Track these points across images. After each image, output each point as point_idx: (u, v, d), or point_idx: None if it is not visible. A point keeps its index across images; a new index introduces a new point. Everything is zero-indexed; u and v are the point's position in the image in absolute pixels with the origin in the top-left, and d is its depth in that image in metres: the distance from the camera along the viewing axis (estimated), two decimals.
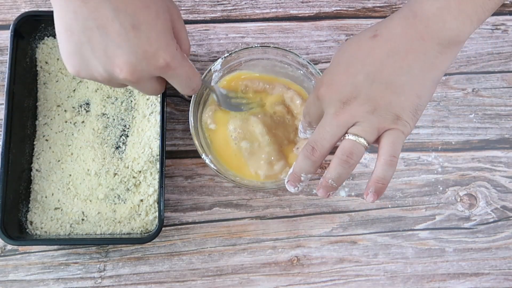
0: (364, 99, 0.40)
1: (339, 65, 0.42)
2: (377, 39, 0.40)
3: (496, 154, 0.61)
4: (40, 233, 0.55)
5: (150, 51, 0.37)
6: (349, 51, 0.42)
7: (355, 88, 0.40)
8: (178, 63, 0.39)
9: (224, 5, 0.64)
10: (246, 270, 0.57)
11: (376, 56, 0.40)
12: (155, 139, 0.57)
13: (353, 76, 0.40)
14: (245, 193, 0.59)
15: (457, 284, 0.58)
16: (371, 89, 0.40)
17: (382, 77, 0.39)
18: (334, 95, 0.41)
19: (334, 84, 0.41)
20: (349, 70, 0.41)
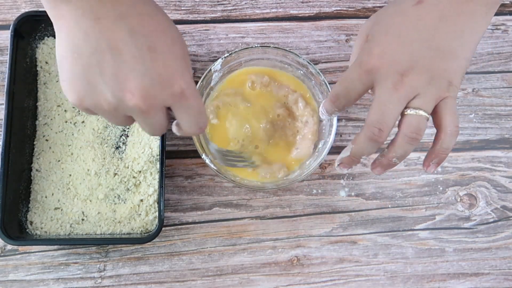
0: (421, 68, 0.39)
1: (388, 35, 0.40)
2: (422, 5, 0.39)
3: (496, 154, 0.61)
4: (40, 233, 0.55)
5: (166, 76, 0.34)
6: (394, 20, 0.40)
7: (412, 57, 0.38)
8: (192, 93, 0.36)
9: (224, 5, 0.64)
10: (246, 270, 0.57)
11: (428, 22, 0.39)
12: (155, 139, 0.57)
13: (408, 44, 0.39)
14: (245, 193, 0.59)
15: (457, 284, 0.58)
16: (427, 57, 0.39)
17: (436, 43, 0.39)
18: (391, 66, 0.39)
19: (389, 54, 0.39)
20: (402, 39, 0.39)
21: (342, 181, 0.59)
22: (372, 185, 0.60)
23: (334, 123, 0.53)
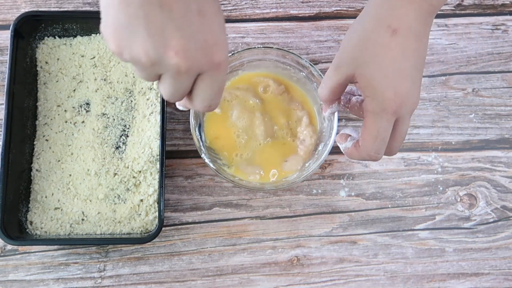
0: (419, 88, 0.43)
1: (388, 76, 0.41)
2: (398, 34, 0.41)
3: (496, 154, 0.61)
4: (40, 233, 0.55)
5: (210, 43, 0.34)
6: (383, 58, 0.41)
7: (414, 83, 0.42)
8: (225, 68, 0.36)
9: (224, 5, 0.64)
10: (246, 270, 0.57)
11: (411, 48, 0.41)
12: (155, 139, 0.57)
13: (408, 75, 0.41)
14: (245, 193, 0.59)
15: (457, 284, 0.58)
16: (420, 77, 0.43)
17: (421, 62, 0.42)
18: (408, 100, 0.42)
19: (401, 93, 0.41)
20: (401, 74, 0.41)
21: (342, 181, 0.60)
22: (372, 185, 0.60)
23: (334, 126, 0.53)
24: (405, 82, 0.41)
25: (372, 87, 0.42)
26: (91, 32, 0.60)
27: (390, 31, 0.40)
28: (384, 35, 0.41)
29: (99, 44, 0.60)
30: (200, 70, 0.35)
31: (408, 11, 0.41)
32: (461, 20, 0.64)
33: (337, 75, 0.44)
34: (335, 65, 0.44)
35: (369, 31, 0.42)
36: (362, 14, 0.44)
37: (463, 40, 0.64)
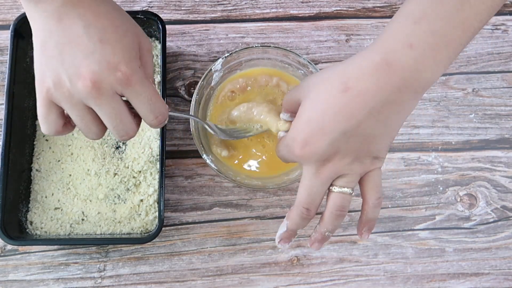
0: (343, 154, 0.40)
1: (311, 123, 0.40)
2: (348, 94, 0.38)
3: (496, 154, 0.61)
4: (40, 233, 0.55)
5: (113, 62, 0.38)
6: (318, 107, 0.40)
7: (333, 146, 0.39)
8: (138, 80, 0.39)
9: (224, 5, 0.64)
10: (246, 270, 0.57)
11: (350, 113, 0.38)
12: (155, 139, 0.57)
13: (329, 134, 0.39)
14: (245, 193, 0.59)
15: (457, 284, 0.58)
16: (348, 145, 0.39)
17: (358, 132, 0.39)
18: (312, 156, 0.40)
19: (310, 145, 0.40)
20: (324, 129, 0.39)
21: None
22: None
23: None
24: (321, 137, 0.39)
25: (295, 125, 0.41)
26: None
27: (342, 88, 0.38)
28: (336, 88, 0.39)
29: None
30: (113, 89, 0.39)
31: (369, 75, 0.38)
32: None
33: (295, 93, 0.44)
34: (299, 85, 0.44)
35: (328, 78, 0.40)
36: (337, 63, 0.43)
37: None
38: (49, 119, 0.41)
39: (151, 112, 0.41)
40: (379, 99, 0.37)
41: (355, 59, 0.39)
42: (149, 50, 0.44)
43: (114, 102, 0.40)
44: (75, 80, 0.38)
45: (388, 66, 0.37)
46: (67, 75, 0.38)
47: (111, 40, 0.39)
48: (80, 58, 0.38)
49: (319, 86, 0.41)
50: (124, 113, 0.41)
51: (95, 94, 0.38)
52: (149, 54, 0.44)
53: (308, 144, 0.40)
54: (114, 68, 0.38)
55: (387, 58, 0.37)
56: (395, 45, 0.37)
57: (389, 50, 0.37)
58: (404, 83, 0.37)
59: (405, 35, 0.37)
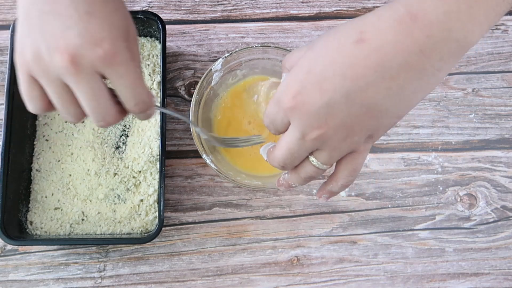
0: (337, 124, 0.34)
1: (311, 73, 0.33)
2: (363, 45, 0.32)
3: (496, 154, 0.61)
4: (40, 233, 0.55)
5: (97, 38, 0.34)
6: (322, 56, 0.33)
7: (329, 108, 0.33)
8: (123, 61, 0.35)
9: (224, 5, 0.64)
10: (246, 270, 0.57)
11: (360, 70, 0.32)
12: (155, 139, 0.57)
13: (329, 91, 0.33)
14: (245, 193, 0.59)
15: (457, 284, 0.58)
16: (348, 113, 0.33)
17: (364, 99, 0.32)
18: (303, 110, 0.34)
19: (303, 95, 0.34)
20: (324, 83, 0.33)
21: None
22: (372, 185, 0.60)
23: None
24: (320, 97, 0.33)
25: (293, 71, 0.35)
26: None
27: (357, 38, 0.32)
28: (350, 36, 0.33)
29: None
30: (93, 67, 0.35)
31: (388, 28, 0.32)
32: None
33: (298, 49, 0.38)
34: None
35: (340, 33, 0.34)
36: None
37: None
38: (32, 96, 0.37)
39: (132, 97, 0.37)
40: (397, 59, 0.31)
41: (377, 10, 0.33)
42: (135, 37, 0.39)
43: (93, 81, 0.35)
44: (53, 53, 0.34)
45: (412, 20, 0.31)
46: (46, 48, 0.34)
47: (99, 14, 0.35)
48: (62, 29, 0.34)
49: (328, 36, 0.34)
50: (103, 95, 0.36)
51: (73, 69, 0.34)
52: (135, 42, 0.39)
53: (301, 94, 0.34)
54: (97, 43, 0.34)
55: (412, 10, 0.31)
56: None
57: (415, 2, 0.31)
58: (429, 43, 0.31)
59: None
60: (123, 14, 0.37)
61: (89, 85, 0.35)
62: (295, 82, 0.34)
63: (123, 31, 0.37)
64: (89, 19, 0.34)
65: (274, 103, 0.36)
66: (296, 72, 0.34)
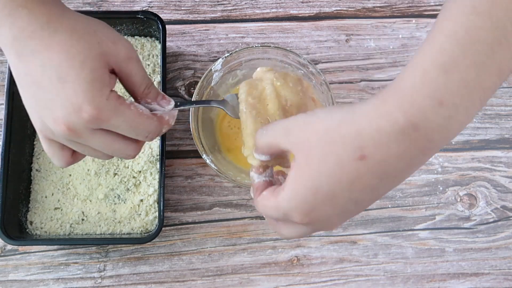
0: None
1: (319, 193, 0.33)
2: (364, 162, 0.32)
3: (496, 154, 0.61)
4: (40, 233, 0.55)
5: (76, 103, 0.36)
6: (326, 174, 0.33)
7: (342, 215, 0.35)
8: (109, 115, 0.37)
9: (224, 5, 0.64)
10: (246, 270, 0.57)
11: (367, 182, 0.33)
12: (155, 139, 0.57)
13: (340, 205, 0.34)
14: (245, 193, 0.59)
15: (457, 284, 0.58)
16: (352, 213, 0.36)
17: (368, 201, 0.35)
18: (315, 223, 0.35)
19: (319, 218, 0.35)
20: (335, 200, 0.34)
21: None
22: None
23: None
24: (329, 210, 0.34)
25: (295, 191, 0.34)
26: None
27: (358, 155, 0.32)
28: (349, 152, 0.32)
29: None
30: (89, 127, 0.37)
31: (391, 142, 0.31)
32: None
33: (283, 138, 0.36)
34: (287, 125, 0.36)
35: (341, 135, 0.33)
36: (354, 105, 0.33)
37: None
38: (53, 153, 0.40)
39: (138, 135, 0.39)
40: (400, 166, 0.32)
41: (369, 115, 0.32)
42: (130, 57, 0.39)
43: (98, 137, 0.38)
44: (52, 125, 0.37)
45: (415, 130, 0.31)
46: (46, 120, 0.37)
47: (70, 77, 0.36)
48: (49, 102, 0.36)
49: (321, 144, 0.33)
50: (114, 142, 0.39)
51: (75, 135, 0.37)
52: (131, 61, 0.39)
53: (314, 211, 0.34)
54: (79, 109, 0.36)
55: (414, 120, 0.31)
56: (423, 102, 0.30)
57: (416, 110, 0.31)
58: (430, 145, 0.32)
59: (433, 90, 0.30)
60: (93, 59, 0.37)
61: (96, 141, 0.38)
62: (305, 203, 0.34)
63: (100, 80, 0.37)
64: (63, 87, 0.35)
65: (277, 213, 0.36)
66: (302, 192, 0.34)
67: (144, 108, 0.40)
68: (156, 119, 0.40)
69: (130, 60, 0.39)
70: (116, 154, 0.40)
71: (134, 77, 0.40)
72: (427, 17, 0.64)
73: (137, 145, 0.41)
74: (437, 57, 0.31)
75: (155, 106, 0.42)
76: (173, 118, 0.42)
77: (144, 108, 0.40)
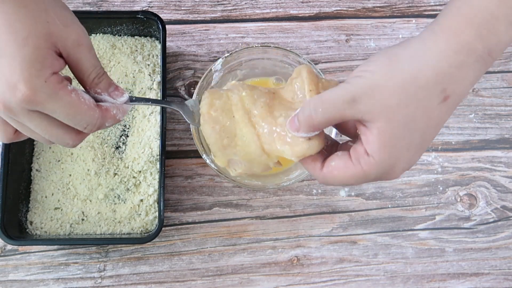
0: None
1: (411, 147, 0.34)
2: (448, 102, 0.32)
3: (496, 154, 0.61)
4: (40, 233, 0.55)
5: (12, 82, 0.34)
6: (416, 127, 0.33)
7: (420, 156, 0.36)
8: (45, 98, 0.34)
9: (224, 5, 0.64)
10: (246, 270, 0.57)
11: (446, 119, 0.34)
12: (155, 139, 0.57)
13: (424, 149, 0.35)
14: (245, 193, 0.59)
15: (457, 284, 0.58)
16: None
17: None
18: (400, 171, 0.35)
19: (410, 165, 0.35)
20: (423, 147, 0.35)
21: None
22: (372, 185, 0.60)
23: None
24: (419, 156, 0.35)
25: (387, 153, 0.34)
26: (90, 32, 0.60)
27: (442, 97, 0.32)
28: (434, 100, 0.32)
29: (99, 44, 0.60)
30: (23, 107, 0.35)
31: (470, 72, 0.32)
32: None
33: (349, 109, 0.34)
34: (351, 96, 0.34)
35: (420, 86, 0.32)
36: (415, 51, 0.33)
37: None
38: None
39: (76, 125, 0.37)
40: (469, 90, 0.33)
41: (445, 53, 0.32)
42: (80, 43, 0.37)
43: (34, 118, 0.36)
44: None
45: (489, 55, 0.31)
46: None
47: (8, 53, 0.34)
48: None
49: (403, 104, 0.33)
50: (51, 127, 0.37)
51: (10, 114, 0.35)
52: (81, 48, 0.37)
53: (409, 163, 0.35)
54: (13, 87, 0.34)
55: (490, 46, 0.31)
56: (500, 26, 0.31)
57: (493, 35, 0.31)
58: (492, 63, 0.33)
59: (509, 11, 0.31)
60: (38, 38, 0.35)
61: (32, 123, 0.36)
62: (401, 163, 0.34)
63: (41, 60, 0.35)
64: (0, 61, 0.34)
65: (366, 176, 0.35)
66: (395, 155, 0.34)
67: (88, 98, 0.37)
68: (99, 111, 0.38)
69: (80, 47, 0.37)
70: (53, 140, 0.38)
71: (83, 65, 0.38)
72: (427, 17, 0.64)
73: (77, 134, 0.39)
74: None
75: (106, 97, 0.39)
76: (122, 113, 0.40)
77: (88, 97, 0.37)
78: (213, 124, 0.42)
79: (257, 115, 0.41)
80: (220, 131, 0.42)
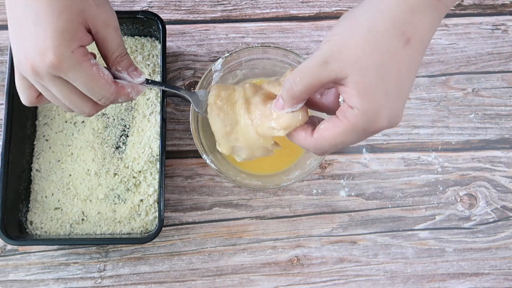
0: None
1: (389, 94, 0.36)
2: (410, 45, 0.35)
3: (496, 154, 0.61)
4: (40, 233, 0.55)
5: (42, 48, 0.38)
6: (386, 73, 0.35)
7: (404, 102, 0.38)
8: (69, 67, 0.38)
9: (224, 5, 0.64)
10: (246, 270, 0.57)
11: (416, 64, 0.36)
12: (155, 139, 0.57)
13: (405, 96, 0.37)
14: (245, 193, 0.59)
15: (457, 284, 0.58)
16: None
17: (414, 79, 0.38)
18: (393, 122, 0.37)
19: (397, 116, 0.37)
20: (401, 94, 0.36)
21: (342, 181, 0.60)
22: (372, 185, 0.60)
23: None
24: (400, 103, 0.37)
25: (367, 102, 0.36)
26: None
27: (404, 40, 0.35)
28: (397, 43, 0.35)
29: None
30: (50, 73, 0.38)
31: (425, 18, 0.35)
32: (461, 20, 0.64)
33: (323, 72, 0.36)
34: (322, 59, 0.36)
35: (380, 33, 0.35)
36: (369, 6, 0.36)
37: (463, 40, 0.64)
38: (21, 89, 0.42)
39: (92, 95, 0.41)
40: (430, 36, 0.36)
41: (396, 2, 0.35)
42: (108, 24, 0.41)
43: (57, 84, 0.39)
44: (23, 63, 0.39)
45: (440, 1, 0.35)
46: (19, 56, 0.39)
47: (44, 23, 0.38)
48: (23, 41, 0.38)
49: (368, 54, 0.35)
50: (72, 93, 0.40)
51: (37, 77, 0.39)
52: (109, 28, 0.41)
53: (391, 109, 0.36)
54: (43, 53, 0.38)
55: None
56: None
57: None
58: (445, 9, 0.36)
59: None
60: (71, 13, 0.39)
61: (55, 88, 0.40)
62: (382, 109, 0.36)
63: (71, 32, 0.38)
64: (36, 30, 0.38)
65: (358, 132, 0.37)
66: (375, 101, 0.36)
67: (107, 73, 0.41)
68: (115, 87, 0.42)
69: (108, 26, 0.41)
70: (72, 107, 0.42)
71: (109, 43, 0.42)
72: None
73: (93, 105, 0.42)
74: None
75: (125, 76, 0.43)
76: (137, 92, 0.44)
77: (107, 73, 0.41)
78: (217, 112, 0.46)
79: (254, 103, 0.45)
80: (224, 118, 0.46)
